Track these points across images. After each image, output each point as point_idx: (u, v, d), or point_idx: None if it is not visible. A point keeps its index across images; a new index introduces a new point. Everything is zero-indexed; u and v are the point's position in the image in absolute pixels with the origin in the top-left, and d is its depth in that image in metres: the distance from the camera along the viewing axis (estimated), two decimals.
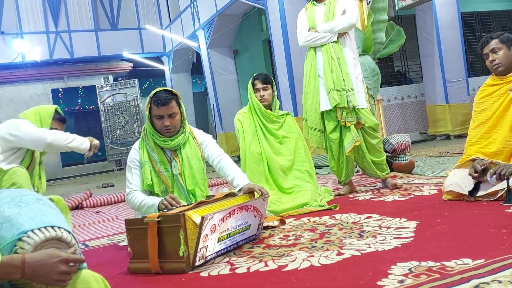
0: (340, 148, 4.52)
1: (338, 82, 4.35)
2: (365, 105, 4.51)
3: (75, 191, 9.12)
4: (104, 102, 15.38)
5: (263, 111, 4.28)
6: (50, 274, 1.50)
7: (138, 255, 2.66)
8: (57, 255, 1.52)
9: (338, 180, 4.70)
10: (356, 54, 4.62)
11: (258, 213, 3.03)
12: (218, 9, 11.56)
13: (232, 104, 12.45)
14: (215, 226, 2.62)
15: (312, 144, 4.62)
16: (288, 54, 8.82)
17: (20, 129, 3.85)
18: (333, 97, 4.34)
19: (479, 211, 3.07)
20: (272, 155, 4.22)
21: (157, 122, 3.28)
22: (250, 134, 4.28)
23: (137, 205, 3.18)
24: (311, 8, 4.57)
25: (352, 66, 4.44)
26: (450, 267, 2.04)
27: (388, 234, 2.79)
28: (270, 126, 4.29)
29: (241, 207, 2.84)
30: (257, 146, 4.24)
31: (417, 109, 10.97)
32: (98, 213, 5.80)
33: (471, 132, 3.66)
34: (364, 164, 4.59)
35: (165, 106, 3.22)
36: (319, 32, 4.42)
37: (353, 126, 4.42)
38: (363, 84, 4.61)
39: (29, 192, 1.79)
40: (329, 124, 4.48)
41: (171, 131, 3.30)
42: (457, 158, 5.95)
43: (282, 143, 4.29)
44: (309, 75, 4.54)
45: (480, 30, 12.37)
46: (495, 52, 3.49)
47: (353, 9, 4.44)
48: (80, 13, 16.03)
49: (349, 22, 4.38)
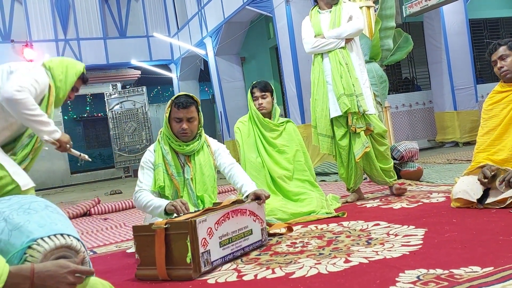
0: (349, 154, 4.51)
1: (348, 87, 4.35)
2: (373, 111, 4.51)
3: (83, 198, 9.14)
4: (112, 110, 15.44)
5: (261, 119, 4.27)
6: (58, 285, 1.49)
7: (146, 262, 2.66)
8: (66, 266, 1.51)
9: (347, 187, 4.69)
10: (362, 60, 4.62)
11: (256, 217, 3.05)
12: (226, 17, 11.60)
13: (239, 112, 12.43)
14: (211, 229, 2.64)
15: (322, 151, 4.61)
16: (295, 61, 8.83)
17: (20, 68, 3.20)
18: (344, 103, 4.34)
19: (488, 218, 3.05)
20: (271, 164, 4.22)
21: (175, 125, 3.31)
22: (249, 143, 4.28)
23: (144, 204, 3.18)
24: (316, 15, 4.58)
25: (359, 72, 4.45)
26: (458, 275, 2.03)
27: (396, 241, 2.78)
28: (268, 135, 4.28)
29: (235, 210, 2.88)
30: (258, 156, 4.24)
31: (425, 116, 10.94)
32: (106, 220, 5.80)
33: (480, 139, 3.64)
34: (372, 171, 4.58)
35: (185, 109, 3.26)
36: (326, 38, 4.43)
37: (362, 132, 4.42)
38: (370, 90, 4.60)
39: (38, 199, 1.80)
40: (338, 130, 4.48)
41: (188, 135, 3.33)
42: (465, 165, 5.93)
43: (281, 152, 4.28)
44: (317, 82, 4.54)
45: (488, 37, 12.33)
46: (503, 59, 3.48)
47: (359, 15, 4.47)
48: (88, 21, 16.12)
49: (357, 27, 4.40)
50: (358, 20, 4.41)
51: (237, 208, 2.92)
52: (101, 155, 21.63)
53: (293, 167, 4.26)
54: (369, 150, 4.46)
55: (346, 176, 4.60)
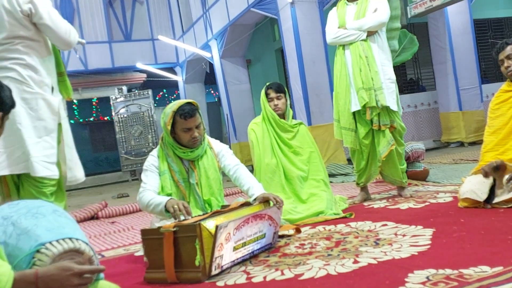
0: (369, 152, 4.50)
1: (366, 81, 4.30)
2: (395, 108, 4.40)
3: (90, 201, 9.15)
4: (118, 113, 15.45)
5: (277, 120, 4.26)
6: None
7: (154, 265, 2.67)
8: (69, 269, 1.52)
9: (357, 181, 4.66)
10: (388, 54, 4.51)
11: (273, 222, 3.03)
12: (231, 19, 11.60)
13: (245, 114, 12.45)
14: (229, 234, 2.62)
15: (346, 145, 4.56)
16: (301, 63, 8.83)
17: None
18: (362, 96, 4.30)
19: (496, 218, 3.05)
20: (288, 164, 4.20)
21: (184, 136, 3.27)
22: (264, 144, 4.26)
23: (145, 203, 3.18)
24: (343, 7, 4.54)
25: (381, 67, 4.37)
26: (468, 274, 2.03)
27: (404, 241, 2.78)
28: (284, 135, 4.28)
29: (255, 216, 2.85)
30: (273, 157, 4.23)
31: (431, 116, 10.92)
32: (114, 223, 5.81)
33: (487, 138, 3.63)
34: (391, 170, 4.52)
35: (192, 118, 3.23)
36: (348, 30, 4.40)
37: (387, 130, 4.39)
38: (395, 86, 4.48)
39: (45, 203, 1.80)
40: (361, 128, 4.43)
41: (199, 141, 3.32)
42: (471, 165, 5.91)
43: (296, 153, 4.26)
44: (339, 74, 4.50)
45: (493, 37, 12.30)
46: (511, 58, 3.48)
47: (385, 9, 4.37)
48: (93, 25, 16.15)
49: (379, 20, 4.33)
50: (381, 13, 4.33)
51: (258, 213, 2.89)
52: (107, 158, 21.65)
53: (308, 168, 4.25)
54: (394, 148, 4.41)
55: (363, 171, 4.56)
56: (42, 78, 2.98)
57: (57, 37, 3.02)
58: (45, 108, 2.97)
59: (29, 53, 2.96)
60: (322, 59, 8.94)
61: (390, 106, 4.34)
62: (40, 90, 2.95)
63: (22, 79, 2.90)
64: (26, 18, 2.92)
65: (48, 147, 2.96)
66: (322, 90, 8.88)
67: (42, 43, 3.03)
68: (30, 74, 2.94)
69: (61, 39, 3.04)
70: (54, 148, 3.00)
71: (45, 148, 2.94)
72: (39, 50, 3.01)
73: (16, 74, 2.90)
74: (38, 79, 2.96)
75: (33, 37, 2.97)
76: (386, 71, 4.41)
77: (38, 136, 2.92)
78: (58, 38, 3.03)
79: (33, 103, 2.93)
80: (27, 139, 2.87)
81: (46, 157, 2.93)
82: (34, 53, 2.99)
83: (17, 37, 2.93)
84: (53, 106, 3.01)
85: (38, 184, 2.95)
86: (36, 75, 2.96)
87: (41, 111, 2.95)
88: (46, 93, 2.99)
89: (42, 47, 3.03)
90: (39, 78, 2.97)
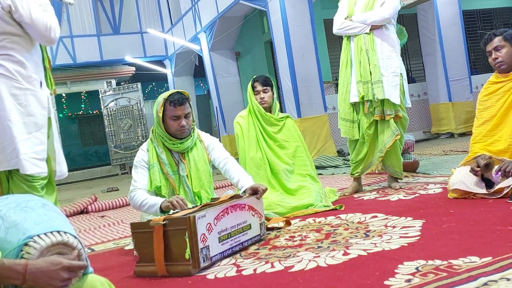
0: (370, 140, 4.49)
1: (364, 74, 4.33)
2: (398, 101, 4.37)
3: (80, 195, 9.13)
4: (107, 107, 15.39)
5: (263, 113, 4.24)
6: (52, 282, 1.49)
7: (144, 258, 2.66)
8: (58, 263, 1.51)
9: (351, 172, 4.65)
10: (396, 47, 4.47)
11: (255, 212, 3.05)
12: (220, 12, 11.57)
13: (235, 107, 12.44)
14: (210, 225, 2.65)
15: (343, 135, 4.58)
16: (290, 55, 8.82)
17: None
18: (359, 90, 4.33)
19: (485, 208, 3.06)
20: (273, 158, 4.19)
21: (172, 124, 3.28)
22: (250, 138, 4.25)
23: (139, 203, 3.17)
24: None
25: (386, 60, 4.36)
26: (457, 265, 2.04)
27: (394, 233, 2.79)
28: (270, 129, 4.26)
29: (234, 206, 2.88)
30: (258, 150, 4.22)
31: (420, 108, 10.97)
32: (104, 217, 5.80)
33: (476, 130, 3.65)
34: (393, 161, 4.51)
35: (182, 106, 3.25)
36: (353, 22, 4.41)
37: (392, 120, 4.39)
38: (401, 79, 4.45)
39: (35, 198, 1.80)
40: (365, 119, 4.44)
41: (186, 132, 3.32)
42: (461, 156, 5.94)
43: (282, 147, 4.25)
44: (342, 64, 4.53)
45: (482, 28, 12.35)
46: (498, 50, 3.49)
47: (392, 4, 4.36)
48: (82, 18, 16.05)
49: (382, 15, 4.33)
50: (386, 9, 4.33)
51: (236, 203, 2.91)
52: (97, 152, 21.61)
53: (294, 162, 4.24)
54: (398, 138, 4.41)
55: (361, 161, 4.55)
56: (30, 73, 2.96)
57: (36, 34, 3.00)
58: (35, 104, 2.95)
59: (16, 48, 2.94)
60: (311, 51, 8.92)
61: (390, 99, 4.34)
62: (29, 85, 2.93)
63: (11, 74, 2.88)
64: (8, 14, 2.90)
65: (38, 143, 2.94)
66: (311, 82, 8.88)
67: (27, 38, 3.01)
68: (18, 69, 2.91)
69: (40, 36, 3.01)
70: (44, 144, 2.98)
71: (34, 145, 2.92)
72: (25, 45, 2.99)
73: (4, 69, 2.87)
74: (27, 74, 2.94)
75: (18, 33, 2.95)
76: (391, 64, 4.38)
77: (28, 132, 2.90)
78: (38, 35, 3.00)
79: (23, 98, 2.91)
80: (17, 135, 2.85)
81: (35, 154, 2.91)
82: (21, 48, 2.96)
83: (2, 33, 2.90)
84: (42, 101, 2.99)
85: (29, 178, 2.93)
86: (25, 70, 2.94)
87: (31, 106, 2.93)
88: (36, 88, 2.97)
89: (27, 41, 3.01)
90: (27, 73, 2.94)
